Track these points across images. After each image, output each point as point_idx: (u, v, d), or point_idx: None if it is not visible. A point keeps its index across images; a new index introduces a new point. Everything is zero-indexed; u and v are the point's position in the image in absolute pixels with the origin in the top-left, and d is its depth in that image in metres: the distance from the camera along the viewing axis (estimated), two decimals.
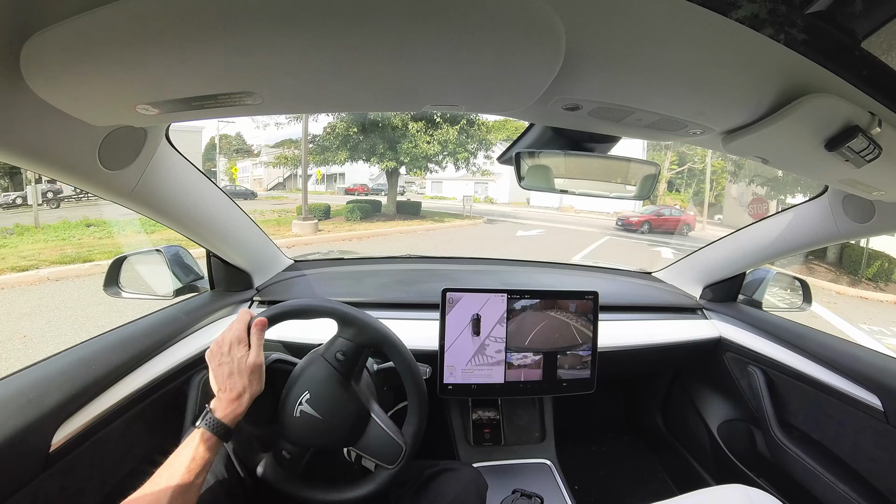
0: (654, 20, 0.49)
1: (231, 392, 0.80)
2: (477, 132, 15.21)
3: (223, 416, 0.79)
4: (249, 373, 0.82)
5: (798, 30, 0.49)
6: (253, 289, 1.50)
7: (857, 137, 0.64)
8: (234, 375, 0.81)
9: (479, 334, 1.33)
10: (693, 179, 27.34)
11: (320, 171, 26.56)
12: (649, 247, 14.41)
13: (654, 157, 28.46)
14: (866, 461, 1.19)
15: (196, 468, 0.73)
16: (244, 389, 0.81)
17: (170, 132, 0.96)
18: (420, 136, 14.54)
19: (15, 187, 17.58)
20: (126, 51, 0.50)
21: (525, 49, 0.50)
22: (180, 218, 1.11)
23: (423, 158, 15.26)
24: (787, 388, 1.43)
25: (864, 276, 11.06)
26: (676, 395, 1.95)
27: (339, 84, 0.59)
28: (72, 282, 6.55)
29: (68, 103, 0.62)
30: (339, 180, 35.32)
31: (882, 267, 10.91)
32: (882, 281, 10.94)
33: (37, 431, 0.79)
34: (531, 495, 1.19)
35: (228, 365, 0.82)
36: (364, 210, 16.40)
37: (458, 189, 30.96)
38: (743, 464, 1.55)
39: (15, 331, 4.73)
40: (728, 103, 0.67)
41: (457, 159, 15.80)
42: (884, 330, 7.18)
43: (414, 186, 36.84)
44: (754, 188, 18.12)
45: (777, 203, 17.14)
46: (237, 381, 0.81)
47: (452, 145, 15.10)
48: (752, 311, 1.65)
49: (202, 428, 0.77)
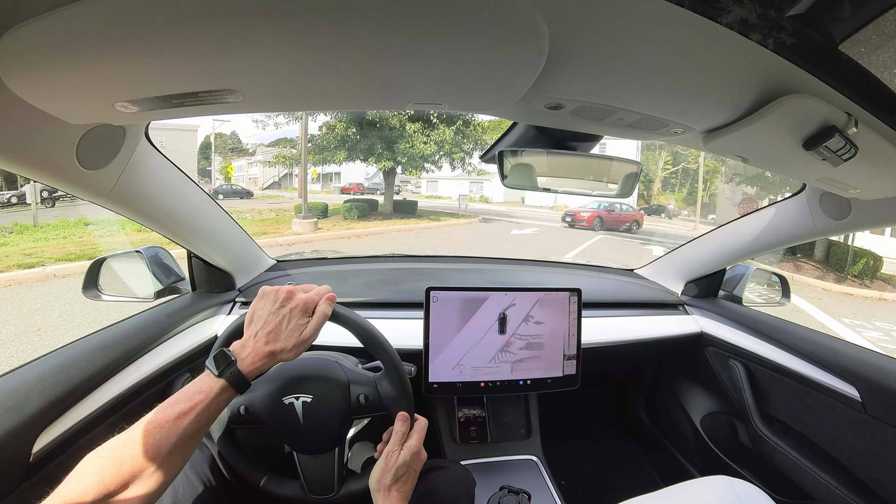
0: (637, 21, 0.49)
1: (269, 346, 0.74)
2: (473, 132, 15.45)
3: (248, 370, 0.72)
4: (298, 342, 0.76)
5: (777, 32, 0.49)
6: (235, 290, 1.48)
7: (833, 137, 0.65)
8: (282, 334, 0.75)
9: (504, 333, 1.34)
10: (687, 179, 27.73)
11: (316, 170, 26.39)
12: (641, 245, 14.55)
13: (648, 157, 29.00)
14: (846, 450, 1.22)
15: (208, 417, 0.69)
16: (284, 351, 0.75)
17: (165, 132, 0.94)
18: (417, 136, 14.63)
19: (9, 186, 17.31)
20: (105, 47, 0.49)
21: (508, 48, 0.50)
22: (160, 218, 1.10)
23: (420, 158, 15.33)
24: (768, 381, 1.46)
25: (849, 273, 11.30)
26: (660, 390, 1.98)
27: (321, 82, 0.59)
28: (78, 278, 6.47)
29: (45, 101, 0.61)
30: (336, 179, 35.22)
31: (867, 264, 11.17)
32: (867, 277, 11.20)
33: (17, 440, 0.77)
34: (518, 492, 1.19)
35: (284, 321, 0.76)
36: (361, 209, 16.50)
37: (454, 188, 30.98)
38: (726, 455, 1.58)
39: (28, 325, 4.75)
40: (708, 103, 0.68)
41: (453, 159, 15.96)
42: (864, 324, 7.40)
43: (409, 185, 36.78)
44: (744, 188, 18.34)
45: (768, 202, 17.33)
46: (280, 341, 0.74)
47: (448, 145, 15.22)
48: (733, 307, 1.68)
49: (223, 380, 0.70)
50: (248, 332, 0.76)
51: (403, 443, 0.85)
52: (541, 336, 1.37)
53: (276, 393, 0.87)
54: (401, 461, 0.82)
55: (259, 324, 0.76)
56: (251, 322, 0.78)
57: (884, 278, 11.41)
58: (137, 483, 0.60)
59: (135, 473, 0.60)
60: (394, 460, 0.82)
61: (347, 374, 0.93)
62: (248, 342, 0.75)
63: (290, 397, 0.88)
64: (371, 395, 0.91)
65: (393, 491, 0.80)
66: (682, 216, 29.62)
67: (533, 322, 1.36)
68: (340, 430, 0.91)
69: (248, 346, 0.74)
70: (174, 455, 0.64)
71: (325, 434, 0.90)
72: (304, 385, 0.89)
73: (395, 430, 0.86)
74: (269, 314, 0.76)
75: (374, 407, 0.91)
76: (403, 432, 0.86)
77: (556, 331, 1.38)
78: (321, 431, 0.89)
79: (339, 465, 0.92)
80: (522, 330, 1.35)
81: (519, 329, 1.35)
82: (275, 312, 0.77)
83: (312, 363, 0.93)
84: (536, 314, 1.36)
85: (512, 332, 1.34)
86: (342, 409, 0.90)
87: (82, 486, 0.56)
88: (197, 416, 0.66)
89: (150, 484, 0.61)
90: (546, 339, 1.37)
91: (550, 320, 1.38)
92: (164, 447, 0.63)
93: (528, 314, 1.36)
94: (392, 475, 0.80)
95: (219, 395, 0.69)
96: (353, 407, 0.90)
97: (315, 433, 0.89)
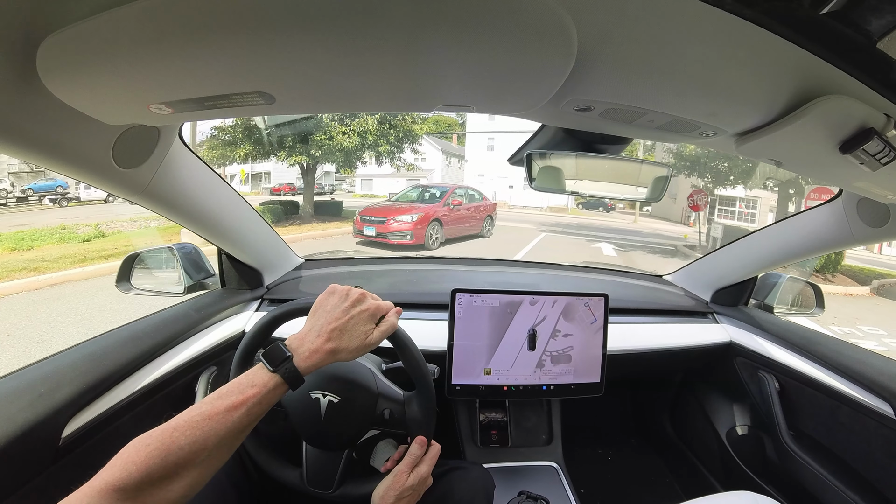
0: (667, 21, 0.49)
1: (330, 343, 0.72)
2: (401, 122, 13.28)
3: (304, 367, 0.71)
4: (360, 345, 0.75)
5: (812, 30, 0.48)
6: (263, 287, 1.51)
7: (872, 140, 0.63)
8: (347, 334, 0.74)
9: (534, 349, 1.35)
10: None
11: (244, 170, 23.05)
12: (588, 243, 13.64)
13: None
14: (877, 469, 1.17)
15: (259, 412, 0.67)
16: (344, 351, 0.74)
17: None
18: (334, 125, 12.42)
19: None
20: (140, 51, 0.51)
21: (536, 50, 0.50)
22: (192, 216, 1.13)
23: (340, 152, 12.81)
24: (798, 395, 1.41)
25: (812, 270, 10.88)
26: (685, 399, 1.94)
27: (350, 84, 0.59)
28: None
29: (83, 103, 0.63)
30: (266, 179, 31.84)
31: (829, 258, 10.80)
32: (829, 272, 10.95)
33: (47, 425, 0.80)
34: (537, 497, 1.19)
35: (352, 321, 0.75)
36: (276, 212, 14.11)
37: (389, 186, 28.41)
38: (751, 470, 1.54)
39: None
40: (741, 105, 0.67)
41: (378, 153, 13.46)
42: (854, 331, 7.14)
43: (344, 185, 36.01)
44: (693, 180, 17.50)
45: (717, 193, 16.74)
46: (345, 342, 0.74)
47: (372, 136, 12.87)
48: (764, 316, 1.64)
49: (278, 375, 0.69)
50: (309, 324, 0.76)
51: (414, 466, 0.86)
52: (568, 341, 1.36)
53: (306, 385, 0.88)
54: (408, 485, 0.83)
55: (325, 318, 0.75)
56: (315, 314, 0.77)
57: (843, 271, 11.23)
58: (182, 473, 0.59)
59: (180, 464, 0.59)
60: (401, 482, 0.83)
61: (378, 386, 0.93)
62: (308, 336, 0.74)
63: (317, 393, 0.89)
64: (397, 412, 0.91)
65: None
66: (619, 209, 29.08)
67: (561, 330, 1.35)
68: (356, 436, 0.92)
69: (307, 340, 0.73)
70: (221, 448, 0.63)
71: (340, 435, 0.91)
72: (335, 385, 0.90)
73: (410, 451, 0.87)
74: (339, 311, 0.76)
75: (396, 424, 0.92)
76: (417, 456, 0.87)
77: (582, 337, 1.37)
78: (338, 433, 0.90)
79: (343, 466, 0.93)
80: (551, 336, 1.35)
81: (548, 335, 1.35)
82: (345, 310, 0.76)
83: (348, 365, 0.94)
84: (564, 320, 1.36)
85: (543, 342, 1.34)
86: (364, 418, 0.91)
87: (125, 472, 0.55)
88: (248, 411, 0.65)
89: (193, 475, 0.61)
90: (573, 343, 1.36)
91: (577, 326, 1.36)
92: (212, 440, 0.62)
93: (556, 321, 1.35)
94: (395, 495, 0.82)
95: (273, 390, 0.68)
96: (375, 419, 0.91)
97: (332, 433, 0.90)
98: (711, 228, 14.77)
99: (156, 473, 0.57)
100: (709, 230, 14.98)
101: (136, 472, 0.56)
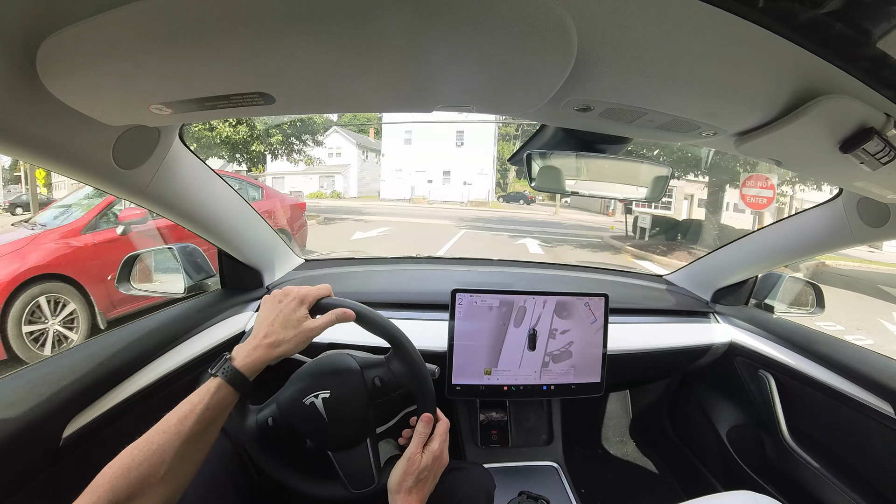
0: (667, 21, 0.49)
1: (268, 338, 0.76)
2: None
3: (243, 364, 0.73)
4: (299, 331, 0.78)
5: (813, 29, 0.48)
6: (264, 287, 1.51)
7: (872, 139, 0.63)
8: (279, 324, 0.77)
9: (534, 349, 1.35)
10: None
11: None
12: (512, 240, 13.02)
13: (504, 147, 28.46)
14: (877, 469, 1.17)
15: (210, 418, 0.69)
16: (283, 341, 0.76)
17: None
18: None
19: None
20: (140, 52, 0.51)
21: (536, 50, 0.50)
22: (193, 216, 1.13)
23: (223, 144, 11.24)
24: (798, 394, 1.41)
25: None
26: (685, 399, 1.94)
27: (351, 85, 0.59)
28: None
29: (83, 103, 0.63)
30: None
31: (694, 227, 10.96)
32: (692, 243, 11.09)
33: (47, 425, 0.80)
34: (537, 497, 1.19)
35: (283, 312, 0.79)
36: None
37: (300, 184, 27.96)
38: (752, 469, 1.54)
39: None
40: (741, 104, 0.67)
41: (271, 145, 12.03)
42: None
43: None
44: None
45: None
46: (281, 332, 0.77)
47: (262, 126, 11.72)
48: (764, 316, 1.63)
49: (219, 377, 0.71)
50: (251, 334, 0.79)
51: (425, 445, 0.85)
52: (567, 338, 1.36)
53: (297, 396, 0.89)
54: (423, 465, 0.82)
55: (261, 319, 0.80)
56: (255, 328, 0.80)
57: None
58: (147, 492, 0.61)
59: (143, 481, 0.60)
60: (416, 464, 0.81)
61: (358, 361, 0.94)
62: (249, 340, 0.77)
63: (309, 397, 0.89)
64: (385, 376, 0.91)
65: (413, 493, 0.80)
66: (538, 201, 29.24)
67: (560, 326, 1.35)
68: (365, 418, 0.91)
69: (247, 343, 0.76)
70: (182, 460, 0.65)
71: (351, 425, 0.90)
72: (320, 382, 0.90)
73: (417, 430, 0.86)
74: (270, 309, 0.80)
75: (391, 387, 0.91)
76: (425, 434, 0.86)
77: (582, 337, 1.37)
78: (347, 424, 0.90)
79: (374, 456, 0.92)
80: (549, 335, 1.35)
81: (548, 333, 1.35)
82: (274, 306, 0.80)
83: (324, 360, 0.95)
84: (563, 317, 1.36)
85: (543, 342, 1.34)
86: (361, 397, 0.90)
87: (95, 497, 0.57)
88: (198, 418, 0.67)
89: (160, 491, 0.62)
90: (573, 342, 1.37)
91: (577, 326, 1.36)
92: (169, 452, 0.63)
93: (554, 317, 1.35)
94: (413, 479, 0.80)
95: (216, 393, 0.70)
96: (370, 392, 0.90)
97: (342, 427, 0.90)
98: (639, 219, 14.63)
99: (122, 493, 0.58)
100: (635, 221, 14.80)
101: (104, 494, 0.57)
